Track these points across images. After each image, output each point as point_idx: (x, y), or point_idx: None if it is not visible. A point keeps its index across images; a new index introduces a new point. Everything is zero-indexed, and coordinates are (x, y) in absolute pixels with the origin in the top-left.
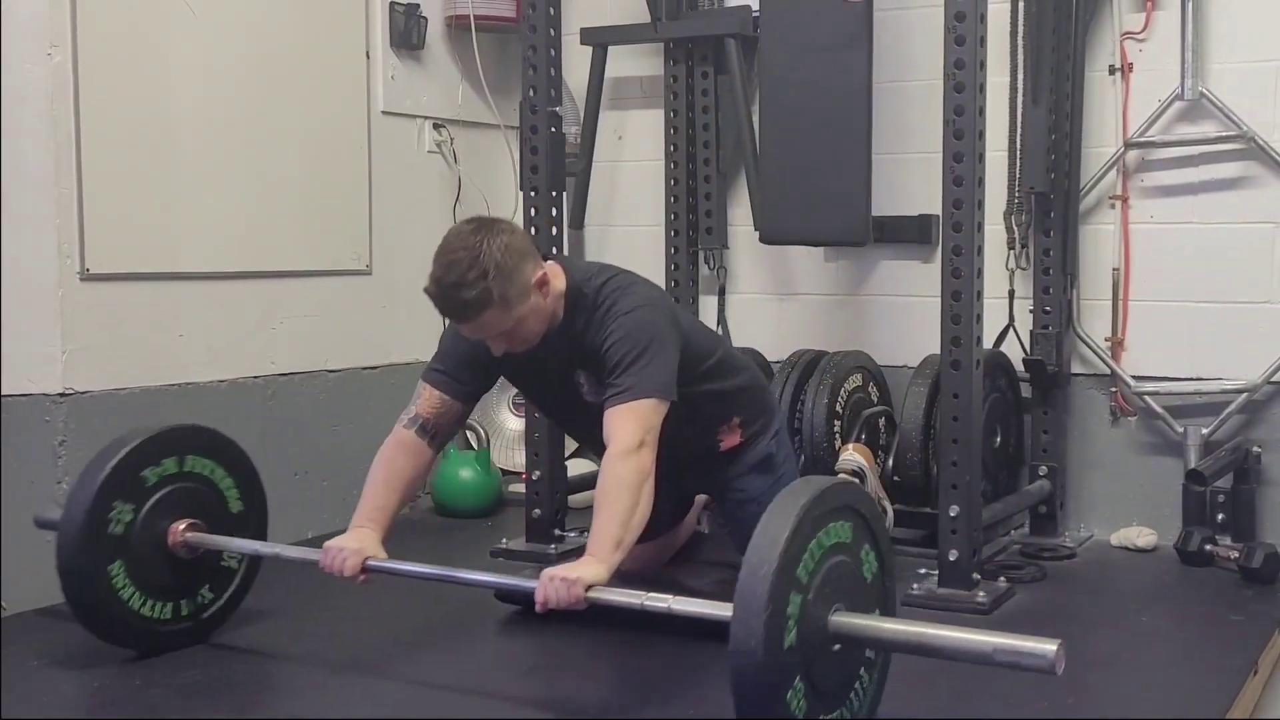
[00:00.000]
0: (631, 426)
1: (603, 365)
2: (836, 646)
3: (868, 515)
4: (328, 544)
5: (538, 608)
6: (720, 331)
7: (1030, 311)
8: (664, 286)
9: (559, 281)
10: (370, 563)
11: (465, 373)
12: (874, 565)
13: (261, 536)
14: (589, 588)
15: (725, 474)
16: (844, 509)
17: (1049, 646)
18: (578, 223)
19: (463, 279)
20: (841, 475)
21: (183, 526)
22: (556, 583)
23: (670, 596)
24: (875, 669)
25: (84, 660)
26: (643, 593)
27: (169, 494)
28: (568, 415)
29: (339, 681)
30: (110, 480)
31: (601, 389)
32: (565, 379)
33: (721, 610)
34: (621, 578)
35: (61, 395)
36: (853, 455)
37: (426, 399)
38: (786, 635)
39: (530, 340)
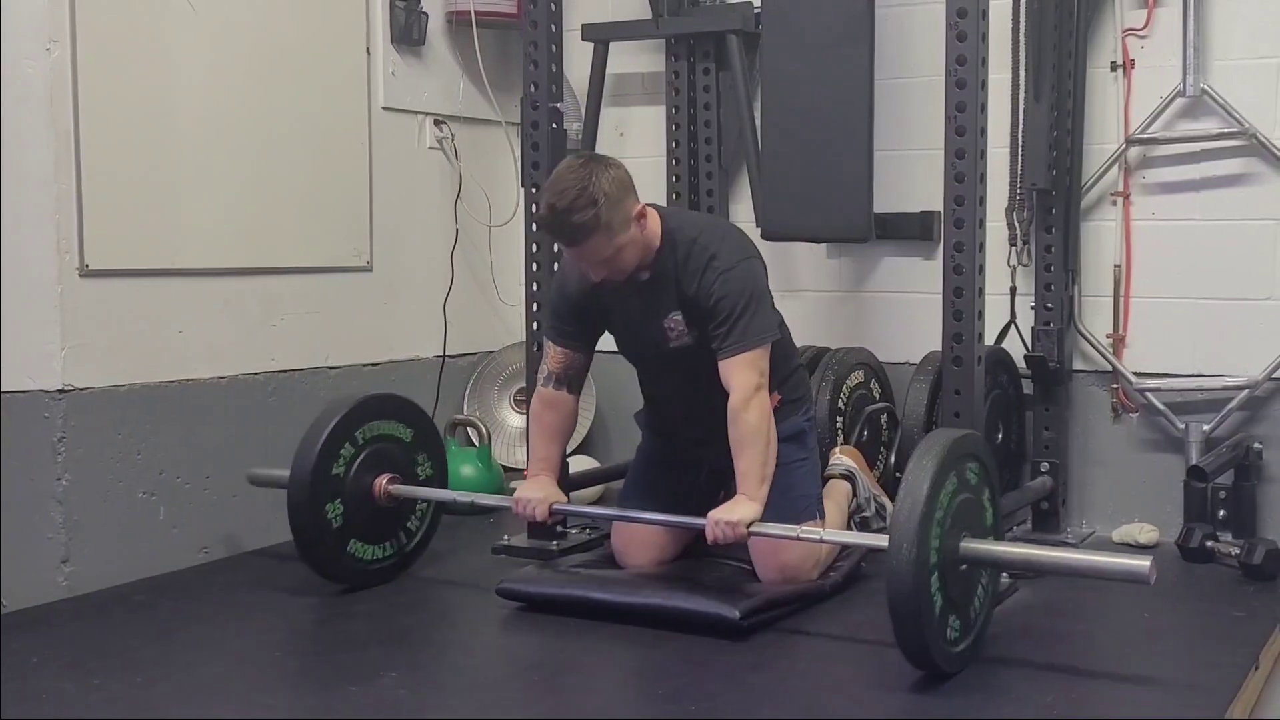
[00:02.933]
0: (748, 374)
1: (709, 316)
2: (964, 566)
3: (986, 461)
4: (516, 495)
5: (710, 543)
6: None
7: (1032, 308)
8: None
9: (654, 222)
10: (556, 506)
11: (577, 326)
12: (991, 502)
13: (444, 487)
14: (750, 525)
15: None
16: (969, 455)
17: (1144, 563)
18: None
19: (573, 205)
20: (833, 480)
21: (385, 480)
22: (722, 526)
23: (820, 528)
24: (990, 585)
25: (84, 659)
26: (797, 526)
27: (370, 453)
28: (651, 357)
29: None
30: (329, 442)
31: (696, 335)
32: (654, 321)
33: (877, 541)
34: (639, 575)
35: (61, 392)
36: (841, 459)
37: (554, 356)
38: (930, 560)
39: (626, 270)
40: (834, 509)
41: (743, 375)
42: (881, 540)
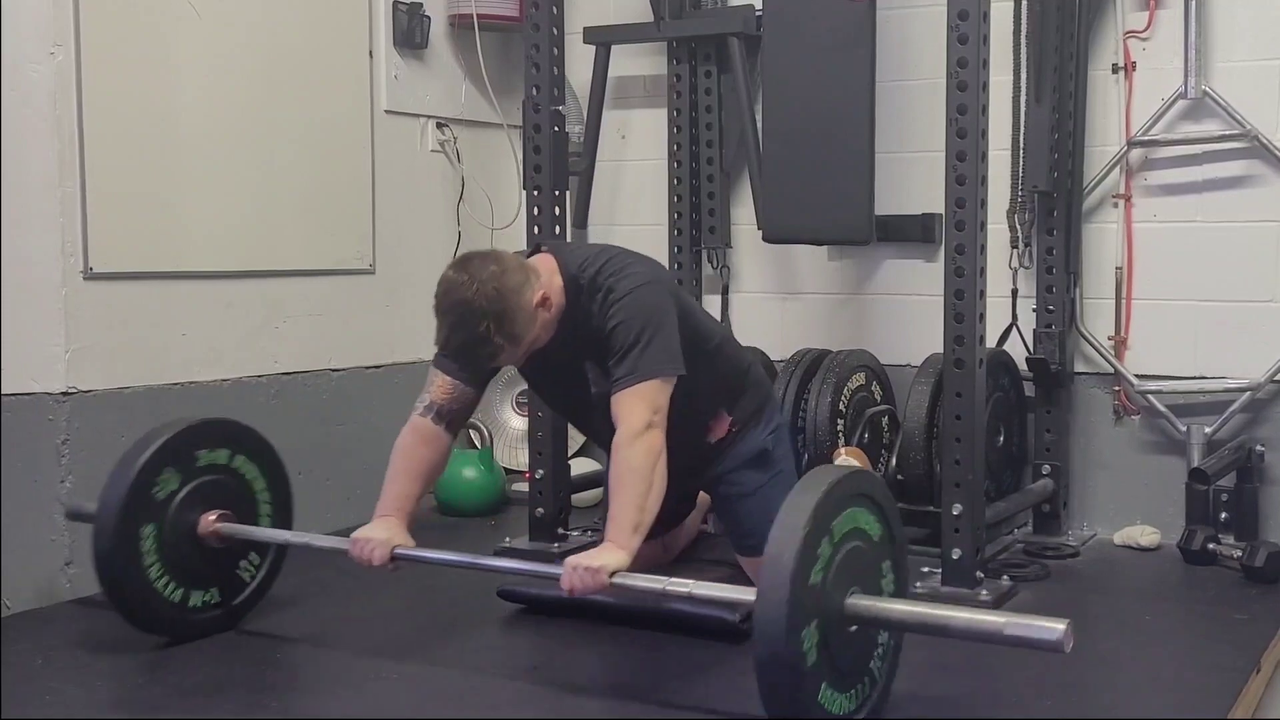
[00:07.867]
0: (638, 409)
1: (607, 351)
2: (853, 628)
3: (881, 501)
4: (355, 535)
5: (565, 593)
6: None
7: (1033, 310)
8: None
9: (555, 280)
10: (398, 551)
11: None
12: (888, 549)
13: (287, 526)
14: (613, 574)
15: (716, 467)
16: (859, 496)
17: (1058, 625)
18: (581, 222)
19: (470, 338)
20: None
21: (213, 517)
22: (580, 571)
23: (691, 582)
24: (889, 649)
25: (88, 660)
26: (665, 578)
27: (198, 486)
28: (574, 408)
29: (347, 673)
30: (141, 475)
31: (607, 377)
32: (572, 373)
33: (744, 595)
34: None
35: (65, 394)
36: (848, 460)
37: (439, 385)
38: (806, 619)
39: (540, 345)
40: None
41: (630, 411)
42: (749, 594)
